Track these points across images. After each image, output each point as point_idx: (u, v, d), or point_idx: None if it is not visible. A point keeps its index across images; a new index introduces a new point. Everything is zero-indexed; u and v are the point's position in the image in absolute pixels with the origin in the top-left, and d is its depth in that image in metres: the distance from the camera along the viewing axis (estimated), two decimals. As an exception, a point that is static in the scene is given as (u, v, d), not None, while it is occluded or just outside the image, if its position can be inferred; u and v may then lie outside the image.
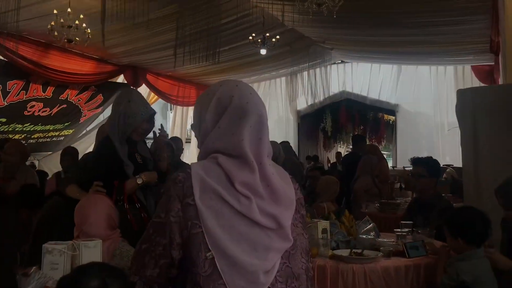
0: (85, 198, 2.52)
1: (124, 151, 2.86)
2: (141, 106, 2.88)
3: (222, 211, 1.29)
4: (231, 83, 1.44)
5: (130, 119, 2.81)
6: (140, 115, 2.82)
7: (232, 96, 1.38)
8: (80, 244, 1.98)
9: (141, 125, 2.85)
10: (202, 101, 1.45)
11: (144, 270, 1.33)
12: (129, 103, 2.85)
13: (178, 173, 1.35)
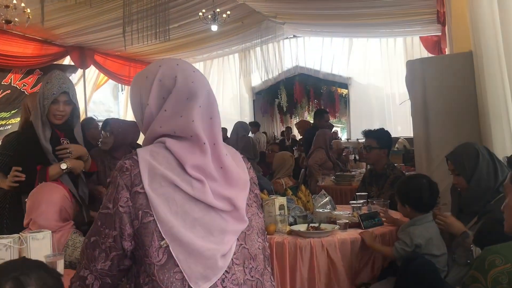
0: (40, 186, 2.42)
1: (46, 135, 2.76)
2: (55, 87, 2.75)
3: (174, 197, 1.25)
4: (171, 63, 1.37)
5: (45, 101, 2.73)
6: (51, 95, 2.72)
7: (175, 76, 1.32)
8: (27, 237, 1.89)
9: (57, 107, 2.75)
10: (140, 84, 1.37)
11: (94, 264, 1.28)
12: (47, 85, 2.76)
13: (125, 160, 1.29)
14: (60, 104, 2.76)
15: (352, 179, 5.17)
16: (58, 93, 2.74)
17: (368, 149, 3.93)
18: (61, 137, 2.87)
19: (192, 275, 1.23)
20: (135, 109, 1.40)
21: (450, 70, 3.80)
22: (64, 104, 2.78)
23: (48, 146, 2.75)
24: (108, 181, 1.30)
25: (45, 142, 2.74)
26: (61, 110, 2.78)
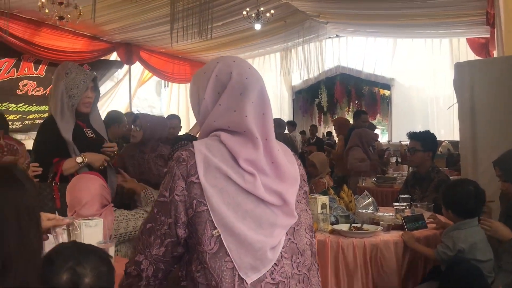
0: (77, 178, 2.49)
1: (69, 127, 2.77)
2: (81, 75, 2.80)
3: (227, 189, 1.29)
4: (228, 60, 1.42)
5: (73, 90, 2.75)
6: (81, 83, 2.77)
7: (231, 72, 1.37)
8: (81, 224, 1.98)
9: (86, 94, 2.80)
10: (199, 79, 1.43)
11: (150, 249, 1.33)
12: (68, 75, 2.78)
13: (182, 151, 1.34)
14: (89, 91, 2.82)
15: (393, 181, 5.10)
16: (89, 80, 2.80)
17: (412, 151, 3.86)
18: (84, 127, 2.89)
19: (242, 265, 1.26)
20: (193, 103, 1.45)
21: (500, 73, 3.70)
22: (91, 91, 2.84)
23: (69, 138, 2.75)
24: (165, 171, 1.35)
25: (65, 134, 2.74)
26: (90, 97, 2.83)
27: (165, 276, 1.38)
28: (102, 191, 2.39)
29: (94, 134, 2.92)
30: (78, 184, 2.39)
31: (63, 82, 2.76)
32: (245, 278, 1.26)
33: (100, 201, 2.35)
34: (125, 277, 1.39)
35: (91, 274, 1.17)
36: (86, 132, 2.87)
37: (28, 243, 0.95)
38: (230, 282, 1.25)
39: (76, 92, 2.74)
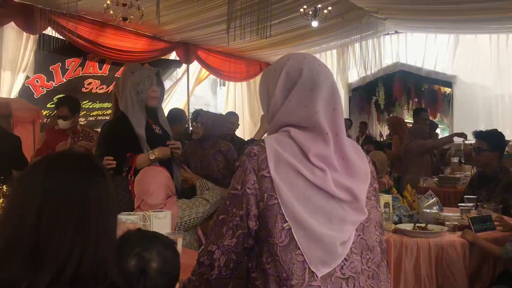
0: (144, 170, 2.62)
1: (142, 123, 2.89)
2: (145, 71, 2.94)
3: (297, 183, 1.30)
4: (299, 56, 1.44)
5: (140, 86, 2.88)
6: (147, 78, 2.90)
7: (302, 69, 1.38)
8: (151, 215, 2.06)
9: (152, 88, 2.91)
10: (269, 76, 1.45)
11: (222, 240, 1.37)
12: (133, 74, 2.93)
13: (253, 146, 1.37)
14: (154, 85, 2.94)
15: (456, 182, 4.92)
16: (153, 74, 2.93)
17: (478, 151, 3.72)
18: (152, 124, 3.00)
19: (312, 259, 1.28)
20: (263, 99, 1.48)
21: None
22: (156, 85, 2.97)
23: (142, 134, 2.88)
24: (237, 165, 1.39)
25: (139, 129, 2.88)
26: (156, 91, 2.96)
27: (236, 266, 1.41)
28: (168, 182, 2.53)
29: (161, 130, 3.03)
30: (146, 175, 2.52)
31: (130, 80, 2.91)
32: (316, 271, 1.27)
33: (165, 192, 2.47)
34: (197, 266, 1.43)
35: (157, 259, 1.22)
36: (154, 128, 3.00)
37: (107, 228, 1.00)
38: (301, 275, 1.27)
39: (142, 87, 2.88)
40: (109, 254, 0.99)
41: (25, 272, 0.89)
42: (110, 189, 1.05)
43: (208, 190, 2.71)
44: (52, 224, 0.92)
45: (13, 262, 0.89)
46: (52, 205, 0.93)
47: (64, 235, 0.92)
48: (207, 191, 2.70)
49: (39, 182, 0.95)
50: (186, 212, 2.50)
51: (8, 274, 0.88)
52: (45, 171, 0.98)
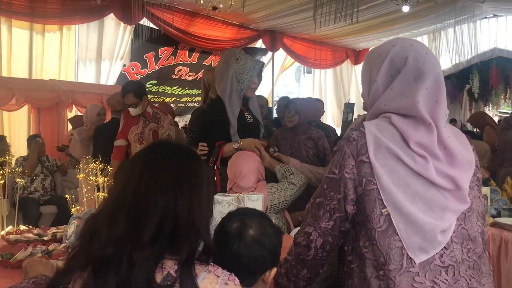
0: (237, 154, 2.70)
1: (236, 111, 2.90)
2: (250, 62, 2.92)
3: (396, 169, 1.29)
4: (405, 43, 1.40)
5: (243, 76, 2.87)
6: (251, 70, 2.88)
7: (407, 57, 1.35)
8: (245, 197, 2.14)
9: (253, 80, 2.92)
10: (372, 61, 1.43)
11: (319, 222, 1.39)
12: (238, 61, 2.89)
13: (352, 131, 1.37)
14: (255, 77, 2.95)
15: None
16: (258, 67, 2.93)
17: None
18: (245, 111, 3.02)
19: (410, 245, 1.27)
20: (364, 84, 1.47)
21: None
22: (257, 77, 2.97)
23: (235, 123, 2.89)
24: (335, 149, 1.40)
25: (232, 118, 2.89)
26: (256, 83, 2.97)
27: (332, 248, 1.44)
28: (259, 167, 2.61)
29: (252, 118, 3.07)
30: (239, 159, 2.63)
31: (233, 67, 2.90)
32: (414, 258, 1.26)
33: (256, 175, 2.57)
34: (294, 246, 1.48)
35: (255, 228, 1.35)
36: (246, 116, 3.03)
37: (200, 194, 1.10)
38: (399, 260, 1.26)
39: (245, 78, 2.89)
40: (201, 217, 1.07)
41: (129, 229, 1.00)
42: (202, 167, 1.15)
43: (293, 174, 2.75)
44: (153, 191, 1.03)
45: (119, 220, 1.00)
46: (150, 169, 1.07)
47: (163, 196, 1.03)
48: (291, 175, 2.75)
49: (141, 156, 1.11)
50: (276, 195, 2.57)
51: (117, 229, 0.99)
52: (145, 150, 1.14)
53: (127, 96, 4.15)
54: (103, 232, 0.99)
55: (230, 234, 1.33)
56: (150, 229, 0.98)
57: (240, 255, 1.31)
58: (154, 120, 4.32)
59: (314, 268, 1.47)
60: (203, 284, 0.96)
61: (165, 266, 0.97)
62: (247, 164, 2.59)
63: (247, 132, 2.96)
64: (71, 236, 1.77)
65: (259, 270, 1.34)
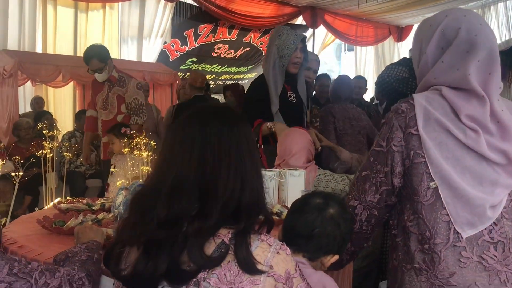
0: (287, 132, 2.63)
1: (278, 89, 2.85)
2: (291, 36, 2.86)
3: (446, 142, 1.27)
4: (459, 13, 1.35)
5: (284, 51, 2.82)
6: (292, 43, 2.83)
7: (459, 28, 1.30)
8: (286, 172, 2.14)
9: (295, 54, 2.85)
10: (423, 32, 1.39)
11: (364, 196, 1.40)
12: (280, 37, 2.86)
13: (400, 103, 1.35)
14: (298, 51, 2.88)
15: None
16: (298, 40, 2.86)
17: None
18: (288, 90, 2.96)
19: (458, 219, 1.25)
20: (414, 55, 1.44)
21: None
22: (300, 51, 2.90)
23: (277, 101, 2.84)
24: (382, 122, 1.39)
25: (275, 96, 2.84)
26: (298, 57, 2.89)
27: (377, 222, 1.44)
28: (310, 146, 2.51)
29: (296, 98, 3.00)
30: (290, 136, 2.53)
31: (275, 43, 2.89)
32: (461, 232, 1.25)
33: (306, 156, 2.46)
34: None
35: (337, 209, 1.36)
36: (289, 95, 2.97)
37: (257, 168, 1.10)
38: (446, 234, 1.26)
39: (286, 52, 2.84)
40: (261, 190, 1.08)
41: (194, 206, 1.00)
42: (252, 135, 1.14)
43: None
44: (216, 167, 1.03)
45: (182, 199, 1.01)
46: (213, 151, 1.04)
47: (227, 176, 1.02)
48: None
49: (197, 131, 1.06)
50: (322, 183, 2.43)
51: (178, 208, 1.00)
52: (201, 121, 1.08)
53: (91, 62, 3.94)
54: (158, 211, 1.00)
55: (311, 205, 1.37)
56: (216, 208, 0.99)
57: (314, 227, 1.34)
58: (119, 83, 4.09)
59: (358, 242, 1.48)
60: (256, 252, 0.97)
61: (219, 234, 0.99)
62: (298, 142, 2.49)
63: (289, 112, 2.91)
64: (120, 206, 1.83)
65: (325, 248, 1.35)
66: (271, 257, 0.97)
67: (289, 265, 1.00)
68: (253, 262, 0.95)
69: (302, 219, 1.36)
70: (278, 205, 1.98)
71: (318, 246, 1.34)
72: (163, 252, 0.97)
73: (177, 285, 0.97)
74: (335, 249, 1.36)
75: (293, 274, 1.00)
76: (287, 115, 2.90)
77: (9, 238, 1.69)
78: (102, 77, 4.02)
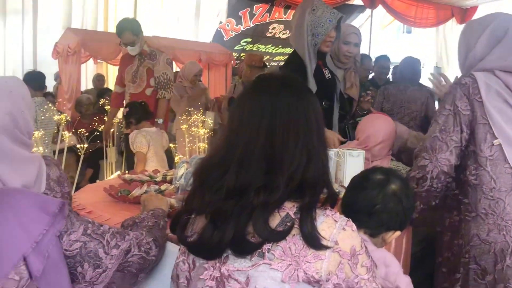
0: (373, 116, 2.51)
1: (312, 65, 2.67)
2: (327, 13, 2.64)
3: (505, 110, 1.54)
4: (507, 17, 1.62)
5: (318, 29, 2.62)
6: (328, 21, 2.62)
7: (508, 28, 1.58)
8: (345, 152, 2.12)
9: (329, 34, 2.65)
10: (472, 30, 1.67)
11: (435, 154, 1.61)
12: (314, 12, 2.64)
13: (463, 78, 1.61)
14: (332, 31, 2.68)
15: None
16: (335, 19, 2.65)
17: None
18: (322, 67, 2.80)
19: None
20: (461, 50, 1.72)
21: None
22: (334, 30, 2.69)
23: (312, 79, 2.68)
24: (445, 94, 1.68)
25: (310, 74, 2.68)
26: (332, 36, 2.69)
27: (445, 180, 1.63)
28: (394, 136, 2.34)
29: (330, 74, 2.86)
30: (374, 122, 2.36)
31: (308, 18, 2.66)
32: None
33: (390, 147, 2.32)
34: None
35: (399, 185, 1.38)
36: (324, 72, 2.83)
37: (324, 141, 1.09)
38: (509, 184, 1.52)
39: (320, 31, 2.64)
40: (326, 165, 1.08)
41: (260, 176, 1.01)
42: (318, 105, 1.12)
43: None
44: (284, 139, 1.03)
45: (250, 169, 1.01)
46: (282, 122, 1.03)
47: (294, 148, 1.02)
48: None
49: (267, 101, 1.05)
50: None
51: (246, 177, 1.01)
52: (271, 92, 1.07)
53: (124, 34, 3.94)
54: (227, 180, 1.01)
55: (373, 181, 1.38)
56: (282, 180, 0.99)
57: (375, 203, 1.34)
58: (150, 57, 4.11)
59: (427, 199, 1.66)
60: (321, 227, 0.97)
61: (283, 207, 0.99)
62: (385, 130, 2.29)
63: (324, 88, 2.75)
64: (181, 178, 1.89)
65: (387, 224, 1.35)
66: (337, 233, 0.97)
67: (355, 242, 0.99)
68: (318, 237, 0.95)
69: (363, 195, 1.36)
70: (335, 184, 1.97)
71: (380, 223, 1.34)
72: (229, 222, 0.99)
73: (241, 255, 0.98)
74: (397, 225, 1.36)
75: (359, 251, 0.99)
76: (323, 91, 2.69)
77: (78, 204, 1.79)
78: (134, 50, 4.05)
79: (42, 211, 0.99)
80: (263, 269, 0.95)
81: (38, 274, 0.93)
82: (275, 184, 0.99)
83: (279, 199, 0.99)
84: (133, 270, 1.16)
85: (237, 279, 0.97)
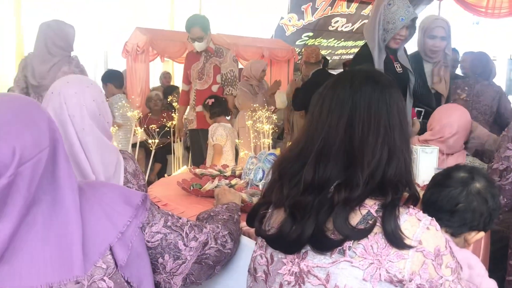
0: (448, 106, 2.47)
1: (380, 60, 2.66)
2: (402, 9, 2.61)
3: None
4: None
5: (389, 25, 2.61)
6: (400, 20, 2.59)
7: None
8: (418, 149, 2.06)
9: (399, 32, 2.63)
10: None
11: None
12: (390, 7, 2.62)
13: None
14: (404, 29, 2.66)
15: None
16: (408, 19, 2.63)
17: None
18: (393, 61, 2.78)
19: None
20: None
21: None
22: (406, 29, 2.68)
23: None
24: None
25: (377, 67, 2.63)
26: (402, 35, 2.68)
27: None
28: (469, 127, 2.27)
29: (401, 68, 2.83)
30: (448, 112, 2.31)
31: (382, 13, 2.67)
32: None
33: (465, 138, 2.24)
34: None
35: (484, 184, 1.33)
36: (396, 66, 2.81)
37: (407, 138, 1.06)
38: None
39: (391, 27, 2.64)
40: (409, 163, 1.04)
41: (340, 172, 1.00)
42: (402, 101, 1.09)
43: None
44: (364, 134, 1.01)
45: (329, 163, 1.01)
46: (362, 117, 1.02)
47: (374, 145, 1.00)
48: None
49: (348, 96, 1.04)
50: None
51: (324, 172, 1.00)
52: (352, 85, 1.05)
53: (193, 29, 3.96)
54: (305, 174, 1.01)
55: (455, 179, 1.34)
56: (363, 176, 0.98)
57: (458, 201, 1.31)
58: (217, 54, 4.14)
59: (510, 193, 1.60)
60: (404, 226, 0.94)
61: (364, 204, 0.98)
62: (461, 120, 2.21)
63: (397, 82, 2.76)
64: (251, 173, 1.91)
65: (470, 224, 1.31)
66: (420, 233, 0.94)
67: (439, 242, 0.96)
68: (401, 236, 0.93)
69: (445, 193, 1.32)
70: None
71: (463, 222, 1.30)
72: (309, 216, 0.98)
73: (321, 251, 0.98)
74: (481, 226, 1.31)
75: (443, 251, 0.95)
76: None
77: (154, 197, 1.86)
78: (201, 46, 4.06)
79: (126, 203, 1.03)
80: (343, 267, 0.94)
81: (123, 263, 0.97)
82: (356, 180, 0.98)
83: (360, 196, 0.97)
84: (210, 262, 1.18)
85: (316, 275, 0.97)
